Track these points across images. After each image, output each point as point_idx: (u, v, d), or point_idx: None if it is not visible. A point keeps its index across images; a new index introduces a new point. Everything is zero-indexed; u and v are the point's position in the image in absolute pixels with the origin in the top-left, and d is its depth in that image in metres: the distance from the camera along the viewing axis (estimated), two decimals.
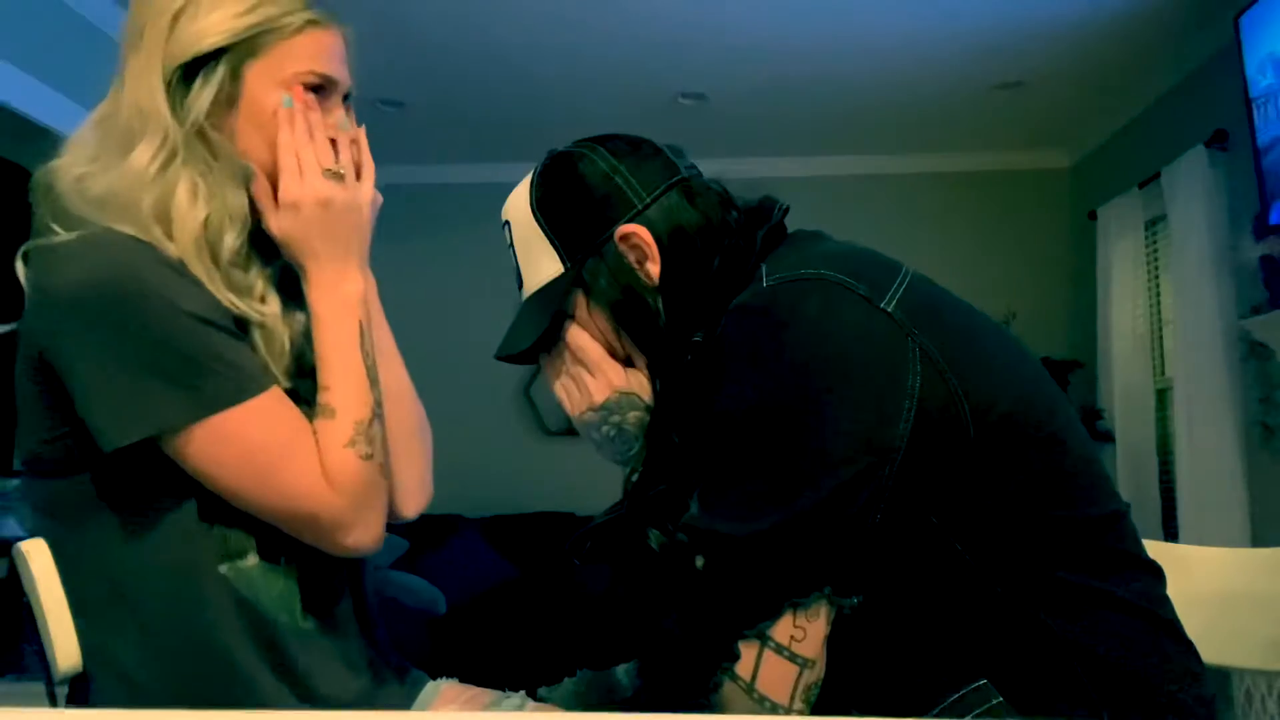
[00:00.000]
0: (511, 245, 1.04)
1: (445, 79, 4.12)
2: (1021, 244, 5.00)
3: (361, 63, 1.07)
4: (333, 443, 0.94)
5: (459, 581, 4.20)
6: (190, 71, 0.95)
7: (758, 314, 0.86)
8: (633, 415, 0.98)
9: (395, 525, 1.06)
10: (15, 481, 4.50)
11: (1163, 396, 4.11)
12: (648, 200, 0.97)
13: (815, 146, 4.92)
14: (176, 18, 0.95)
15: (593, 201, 0.98)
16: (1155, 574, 0.90)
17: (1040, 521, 0.84)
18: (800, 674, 0.82)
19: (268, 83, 0.98)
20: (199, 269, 0.93)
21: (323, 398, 0.96)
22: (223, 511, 0.93)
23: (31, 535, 0.99)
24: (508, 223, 1.04)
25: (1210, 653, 0.95)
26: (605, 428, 0.99)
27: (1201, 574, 1.22)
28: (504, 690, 1.14)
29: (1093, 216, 4.47)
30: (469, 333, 3.30)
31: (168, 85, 0.95)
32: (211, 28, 0.95)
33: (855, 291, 0.85)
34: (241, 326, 0.95)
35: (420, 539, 4.40)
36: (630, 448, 1.00)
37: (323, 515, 0.93)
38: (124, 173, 0.94)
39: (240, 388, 0.90)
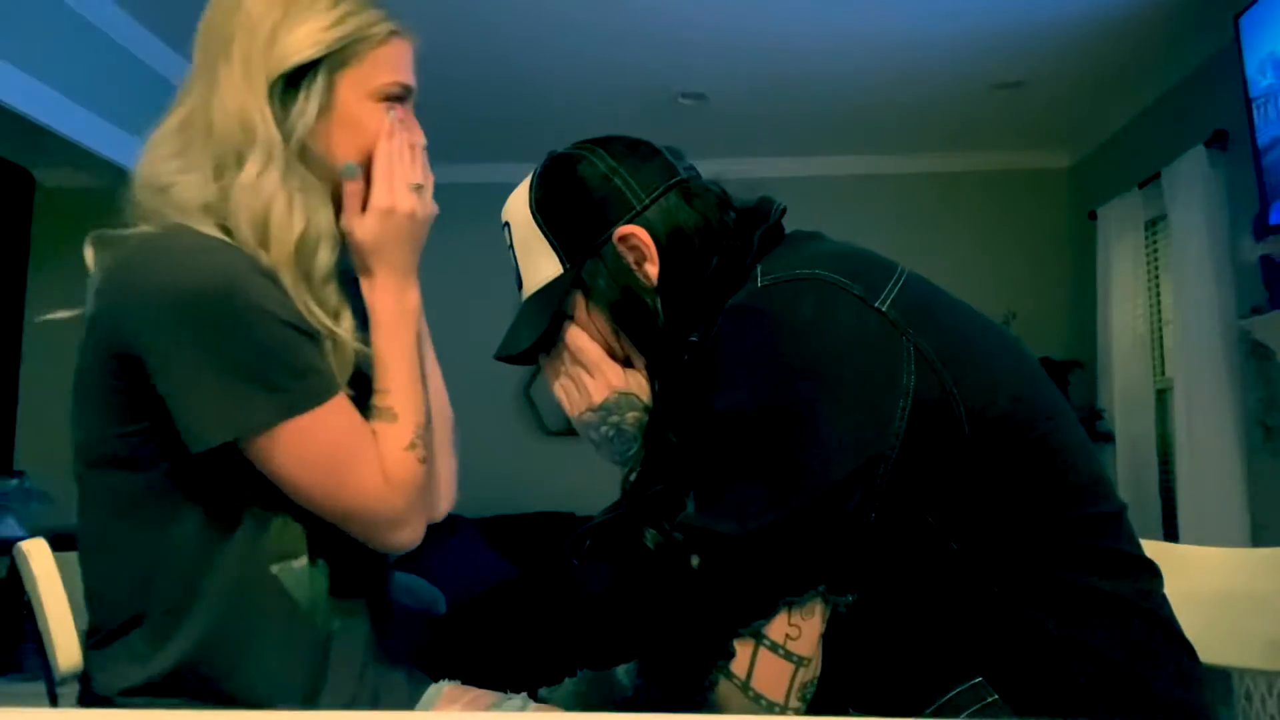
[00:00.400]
0: (511, 246, 1.05)
1: (445, 79, 4.12)
2: (1021, 244, 5.00)
3: None
4: (394, 445, 0.98)
5: (459, 581, 4.20)
6: (291, 82, 0.98)
7: (752, 314, 0.86)
8: (631, 415, 0.99)
9: None
10: (15, 481, 4.51)
11: (1163, 396, 4.11)
12: (646, 201, 0.97)
13: (815, 146, 4.92)
14: (275, 31, 0.97)
15: (592, 203, 0.98)
16: (1153, 573, 0.90)
17: (1036, 520, 0.84)
18: (796, 672, 0.82)
19: (359, 92, 1.01)
20: (289, 281, 0.96)
21: (383, 401, 1.00)
22: (280, 512, 0.96)
23: (82, 526, 1.00)
24: (507, 224, 1.04)
25: (1210, 653, 0.95)
26: (604, 428, 0.99)
27: (1201, 574, 1.22)
28: (505, 692, 1.14)
29: (1093, 216, 4.46)
30: (469, 333, 3.30)
31: (270, 97, 0.97)
32: (307, 38, 0.98)
33: (850, 291, 0.85)
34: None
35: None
36: (629, 448, 1.00)
37: (383, 514, 0.96)
38: (225, 183, 0.96)
39: (320, 390, 0.94)
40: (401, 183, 1.02)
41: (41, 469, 4.95)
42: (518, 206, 1.03)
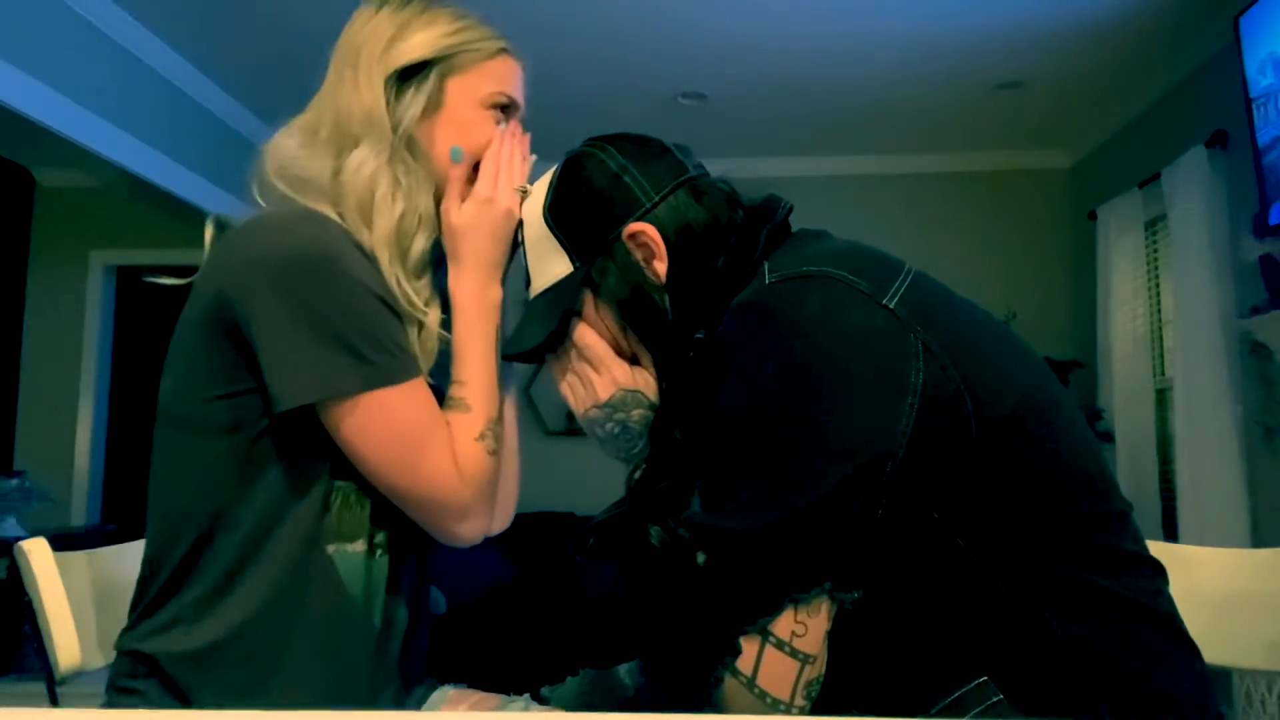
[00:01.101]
0: (522, 243, 1.06)
1: None
2: (1021, 244, 5.01)
3: None
4: (465, 434, 1.01)
5: (459, 581, 4.20)
6: (404, 78, 1.06)
7: (759, 311, 0.86)
8: (637, 413, 0.99)
9: None
10: (15, 481, 4.51)
11: (1163, 396, 4.11)
12: (656, 199, 0.98)
13: (815, 146, 4.92)
14: (394, 38, 1.07)
15: (602, 200, 0.99)
16: (1158, 571, 0.90)
17: (1043, 518, 0.84)
18: (801, 670, 0.82)
19: (468, 98, 1.10)
20: (385, 260, 1.01)
21: (458, 392, 1.04)
22: (348, 493, 0.98)
23: (154, 486, 1.01)
24: (520, 222, 1.06)
25: (1211, 653, 0.94)
26: (610, 425, 1.00)
27: (1202, 574, 1.22)
28: (509, 694, 1.14)
29: (1093, 216, 4.47)
30: None
31: (385, 91, 1.06)
32: (422, 42, 1.07)
33: (857, 288, 0.85)
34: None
35: None
36: (635, 445, 1.00)
37: (449, 501, 0.99)
38: (338, 165, 1.04)
39: (403, 370, 0.97)
40: (507, 181, 1.08)
41: (41, 469, 4.96)
42: (530, 206, 1.05)
